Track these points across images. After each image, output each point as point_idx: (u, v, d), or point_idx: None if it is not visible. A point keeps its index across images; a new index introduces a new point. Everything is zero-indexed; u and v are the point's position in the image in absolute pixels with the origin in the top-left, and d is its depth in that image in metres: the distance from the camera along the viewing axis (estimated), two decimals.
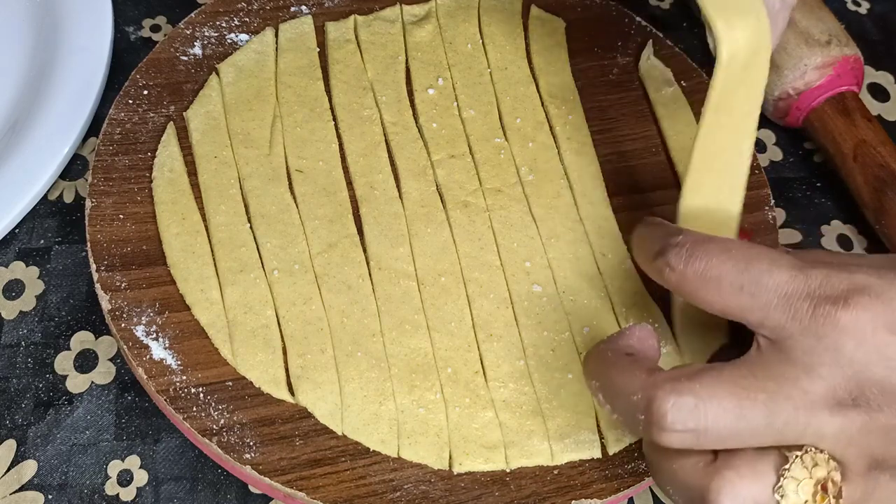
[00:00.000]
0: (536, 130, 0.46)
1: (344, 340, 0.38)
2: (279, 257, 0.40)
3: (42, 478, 0.38)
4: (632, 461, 0.37)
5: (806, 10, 0.50)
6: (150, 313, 0.38)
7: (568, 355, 0.39)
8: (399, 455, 0.36)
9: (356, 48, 0.47)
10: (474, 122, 0.46)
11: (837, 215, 0.50)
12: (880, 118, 0.54)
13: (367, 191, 0.43)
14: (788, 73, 0.49)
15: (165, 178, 0.42)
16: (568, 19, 0.50)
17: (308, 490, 0.35)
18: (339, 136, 0.44)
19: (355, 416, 0.37)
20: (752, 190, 0.45)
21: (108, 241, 0.40)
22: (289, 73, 0.46)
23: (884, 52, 0.56)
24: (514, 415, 0.38)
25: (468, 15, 0.49)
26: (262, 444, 0.36)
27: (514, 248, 0.42)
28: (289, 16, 0.48)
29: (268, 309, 0.39)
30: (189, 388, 0.37)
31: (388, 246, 0.41)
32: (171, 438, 0.40)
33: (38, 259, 0.44)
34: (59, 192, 0.46)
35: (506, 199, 0.43)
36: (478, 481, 0.36)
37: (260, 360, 0.38)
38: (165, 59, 0.46)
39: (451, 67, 0.47)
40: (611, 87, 0.49)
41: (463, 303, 0.40)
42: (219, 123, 0.44)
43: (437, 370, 0.38)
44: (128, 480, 0.39)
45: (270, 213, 0.41)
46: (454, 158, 0.44)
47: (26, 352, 0.41)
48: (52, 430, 0.39)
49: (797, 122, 0.50)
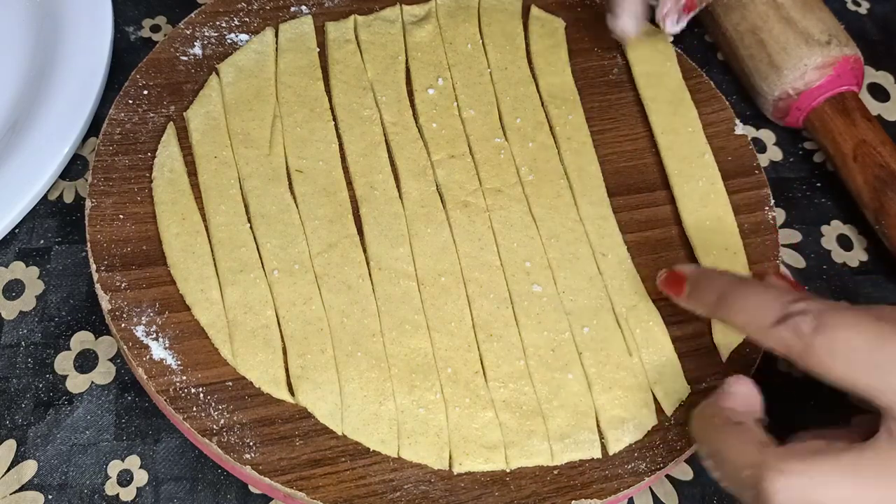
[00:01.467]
0: (536, 130, 0.46)
1: (344, 340, 0.38)
2: (279, 257, 0.40)
3: (42, 478, 0.38)
4: (632, 461, 0.37)
5: (806, 10, 0.50)
6: (150, 313, 0.38)
7: (568, 355, 0.39)
8: (399, 455, 0.36)
9: (356, 48, 0.47)
10: (474, 122, 0.46)
11: (837, 215, 0.49)
12: (880, 118, 0.54)
13: (367, 191, 0.43)
14: (788, 73, 0.49)
15: (165, 179, 0.42)
16: (568, 19, 0.50)
17: (308, 490, 0.35)
18: (339, 136, 0.44)
19: (355, 416, 0.37)
20: (752, 190, 0.45)
21: (108, 241, 0.40)
22: (289, 73, 0.46)
23: (884, 52, 0.56)
24: (514, 415, 0.38)
25: (468, 15, 0.49)
26: (262, 444, 0.36)
27: (514, 248, 0.42)
28: (289, 16, 0.48)
29: (268, 309, 0.39)
30: (189, 388, 0.37)
31: (388, 246, 0.41)
32: (171, 438, 0.40)
33: (38, 259, 0.44)
34: (59, 192, 0.46)
35: (506, 200, 0.43)
36: (478, 481, 0.36)
37: (260, 360, 0.38)
38: (165, 59, 0.46)
39: (451, 67, 0.47)
40: (611, 87, 0.49)
41: (463, 303, 0.40)
42: (219, 123, 0.44)
43: (437, 370, 0.38)
44: (128, 480, 0.39)
45: (270, 213, 0.41)
46: (454, 158, 0.44)
47: (26, 352, 0.41)
48: (52, 430, 0.39)
49: (797, 122, 0.50)
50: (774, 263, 0.43)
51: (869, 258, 0.48)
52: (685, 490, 0.40)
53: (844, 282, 0.47)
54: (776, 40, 0.49)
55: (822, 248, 0.48)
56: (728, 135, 0.47)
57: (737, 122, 0.47)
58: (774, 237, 0.44)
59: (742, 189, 0.45)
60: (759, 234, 0.44)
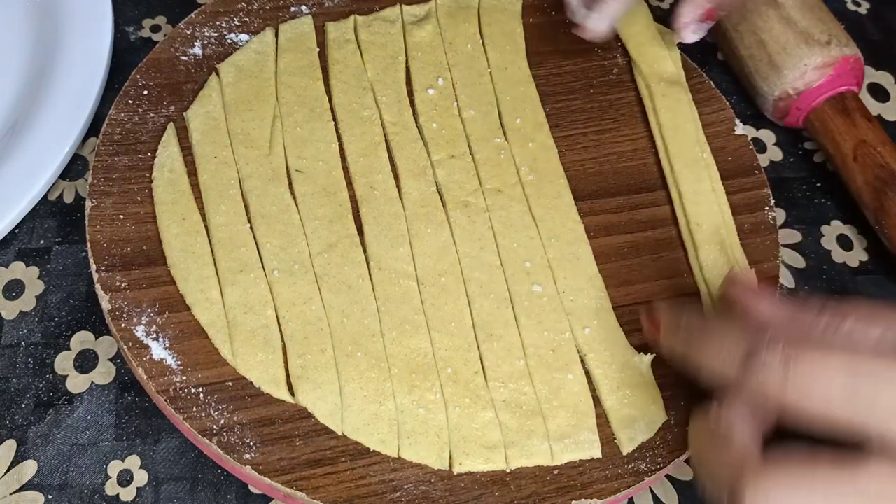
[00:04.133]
0: (536, 130, 0.46)
1: (344, 340, 0.38)
2: (279, 257, 0.40)
3: (42, 478, 0.38)
4: (632, 461, 0.37)
5: (806, 10, 0.50)
6: (150, 313, 0.38)
7: (568, 355, 0.39)
8: (399, 455, 0.36)
9: (356, 48, 0.47)
10: (474, 122, 0.46)
11: (837, 215, 0.49)
12: (880, 118, 0.54)
13: (367, 191, 0.43)
14: (788, 73, 0.49)
15: (165, 179, 0.42)
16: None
17: (308, 490, 0.35)
18: (339, 136, 0.44)
19: (355, 416, 0.37)
20: (752, 190, 0.45)
21: (108, 241, 0.40)
22: (289, 73, 0.46)
23: (884, 52, 0.56)
24: (514, 415, 0.38)
25: (468, 15, 0.49)
26: (262, 444, 0.36)
27: (514, 248, 0.42)
28: (289, 16, 0.48)
29: (268, 309, 0.39)
30: (189, 389, 0.37)
31: (388, 246, 0.41)
32: (171, 438, 0.40)
33: (38, 259, 0.44)
34: (59, 192, 0.46)
35: (506, 200, 0.43)
36: (478, 481, 0.36)
37: (260, 360, 0.38)
38: (165, 59, 0.46)
39: (452, 68, 0.47)
40: (611, 87, 0.49)
41: (463, 303, 0.40)
42: (219, 123, 0.44)
43: (437, 370, 0.38)
44: (128, 480, 0.39)
45: (270, 213, 0.41)
46: (454, 158, 0.44)
47: (26, 352, 0.41)
48: (53, 431, 0.39)
49: (797, 122, 0.50)
50: (775, 263, 0.43)
51: (869, 258, 0.48)
52: (685, 490, 0.40)
53: (844, 282, 0.47)
54: (776, 40, 0.49)
55: (822, 248, 0.48)
56: (728, 135, 0.47)
57: (737, 122, 0.47)
58: (774, 237, 0.44)
59: (742, 189, 0.45)
60: (759, 234, 0.44)
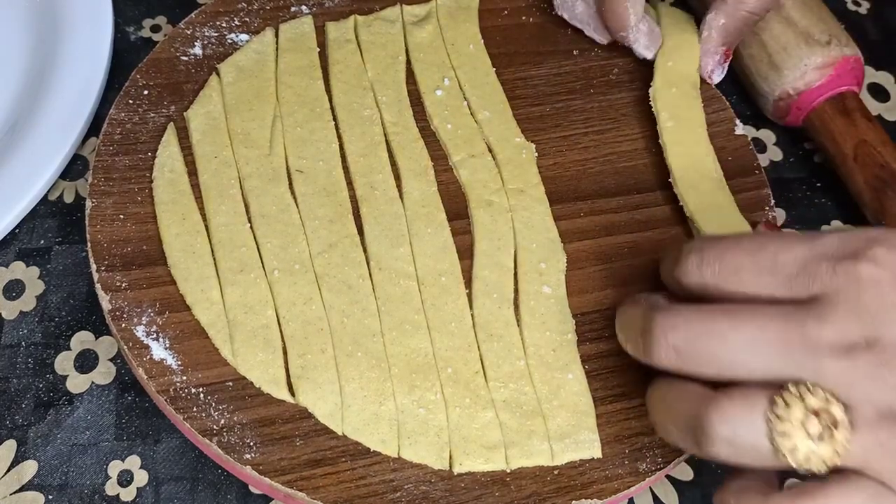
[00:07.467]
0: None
1: (344, 340, 0.38)
2: (279, 257, 0.40)
3: (42, 478, 0.38)
4: (632, 461, 0.37)
5: (806, 10, 0.50)
6: (151, 313, 0.38)
7: (569, 355, 0.39)
8: (399, 455, 0.36)
9: (356, 48, 0.47)
10: (490, 123, 0.46)
11: (837, 215, 0.50)
12: (880, 118, 0.54)
13: (367, 191, 0.43)
14: (788, 73, 0.49)
15: (166, 179, 0.42)
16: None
17: (308, 490, 0.35)
18: (340, 136, 0.44)
19: (355, 416, 0.37)
20: (752, 190, 0.45)
21: (109, 241, 0.40)
22: (289, 73, 0.46)
23: (884, 52, 0.56)
24: (514, 415, 0.38)
25: (468, 15, 0.49)
26: (262, 445, 0.36)
27: (532, 249, 0.42)
28: (289, 16, 0.48)
29: (268, 309, 0.39)
30: (189, 389, 0.37)
31: (389, 246, 0.41)
32: (171, 439, 0.40)
33: (39, 259, 0.44)
34: (59, 192, 0.46)
35: (529, 200, 0.43)
36: (478, 481, 0.36)
37: (260, 360, 0.38)
38: (165, 59, 0.46)
39: (456, 69, 0.47)
40: (611, 87, 0.49)
41: (463, 303, 0.40)
42: (219, 123, 0.44)
43: (438, 370, 0.38)
44: (128, 481, 0.39)
45: (271, 213, 0.41)
46: (474, 158, 0.44)
47: (26, 352, 0.41)
48: (53, 431, 0.39)
49: (797, 122, 0.50)
50: None
51: None
52: (685, 490, 0.40)
53: None
54: (776, 40, 0.49)
55: None
56: (728, 135, 0.47)
57: (737, 122, 0.47)
58: None
59: (742, 189, 0.45)
60: None
